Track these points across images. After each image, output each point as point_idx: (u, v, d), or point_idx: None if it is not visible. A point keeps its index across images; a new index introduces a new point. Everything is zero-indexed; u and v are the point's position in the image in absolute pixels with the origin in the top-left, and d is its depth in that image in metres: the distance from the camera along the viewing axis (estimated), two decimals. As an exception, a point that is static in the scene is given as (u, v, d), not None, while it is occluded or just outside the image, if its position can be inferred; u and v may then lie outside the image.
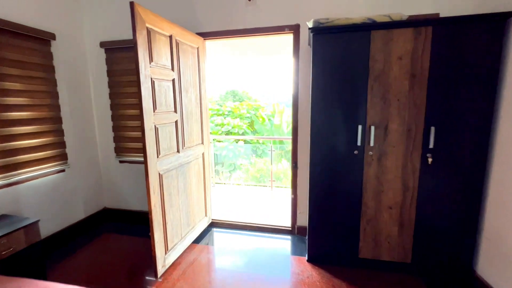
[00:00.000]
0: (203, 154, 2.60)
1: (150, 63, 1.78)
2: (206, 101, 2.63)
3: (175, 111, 2.09)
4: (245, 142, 9.06)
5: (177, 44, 2.10)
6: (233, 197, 3.99)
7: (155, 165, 1.85)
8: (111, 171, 3.02)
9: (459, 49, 1.68)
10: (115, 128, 2.91)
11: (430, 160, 1.79)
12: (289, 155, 9.42)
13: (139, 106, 1.71)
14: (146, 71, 1.73)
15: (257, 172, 7.99)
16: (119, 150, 2.94)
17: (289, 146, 9.37)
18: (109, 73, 2.80)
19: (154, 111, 1.83)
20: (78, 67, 2.71)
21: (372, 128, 1.86)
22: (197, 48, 2.43)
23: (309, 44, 2.30)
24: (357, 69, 1.83)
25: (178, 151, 2.15)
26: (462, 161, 1.76)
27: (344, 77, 1.86)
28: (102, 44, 2.74)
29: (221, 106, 10.29)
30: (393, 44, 1.76)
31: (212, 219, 2.87)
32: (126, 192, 3.03)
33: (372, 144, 1.87)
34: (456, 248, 1.87)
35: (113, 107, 2.87)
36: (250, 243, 2.52)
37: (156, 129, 1.85)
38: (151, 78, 1.79)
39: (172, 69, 2.04)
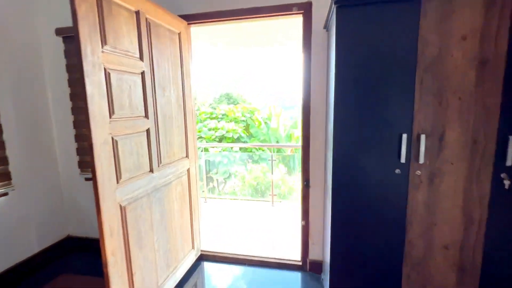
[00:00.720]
0: (188, 170, 2.03)
1: (102, 46, 1.21)
2: (191, 103, 2.06)
3: (146, 115, 1.52)
4: (241, 150, 8.49)
5: (149, 25, 1.53)
6: (228, 216, 3.41)
7: (112, 195, 1.27)
8: (75, 191, 2.43)
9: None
10: (78, 138, 2.32)
11: (507, 183, 1.26)
12: (287, 160, 8.88)
13: (84, 109, 1.14)
14: (94, 57, 1.16)
15: (254, 179, 7.42)
16: (85, 165, 2.35)
17: (286, 151, 8.84)
18: (69, 68, 2.22)
19: (110, 117, 1.26)
20: (26, 60, 2.12)
21: (422, 137, 1.32)
22: (179, 34, 1.88)
23: (325, 28, 1.77)
24: (400, 55, 1.30)
25: (151, 171, 1.57)
26: (553, 185, 1.24)
27: (381, 67, 1.32)
28: (59, 32, 2.16)
29: (214, 109, 9.72)
30: (454, 19, 1.23)
31: (202, 251, 2.29)
32: (94, 216, 2.42)
33: (421, 160, 1.34)
34: (540, 304, 1.33)
35: (75, 110, 2.28)
36: (250, 283, 1.95)
37: (114, 143, 1.28)
38: (105, 69, 1.22)
39: (141, 58, 1.48)
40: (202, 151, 4.65)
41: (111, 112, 1.26)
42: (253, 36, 2.91)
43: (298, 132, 9.85)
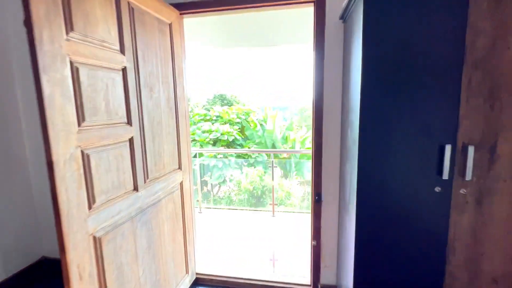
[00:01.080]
0: (181, 184, 1.74)
1: (67, 33, 0.92)
2: (184, 105, 1.78)
3: (129, 122, 1.24)
4: (237, 156, 8.22)
5: (132, 11, 1.25)
6: (226, 230, 3.13)
7: (82, 226, 0.98)
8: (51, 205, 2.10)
9: None
10: (53, 145, 2.00)
11: None
12: (283, 163, 8.63)
13: (40, 116, 0.85)
14: (55, 46, 0.87)
15: (250, 184, 7.15)
16: (61, 176, 2.03)
17: (282, 154, 8.60)
18: (41, 64, 1.90)
19: (79, 124, 0.97)
20: (-11, 56, 1.81)
21: (470, 149, 1.08)
22: (170, 25, 1.60)
23: (342, 18, 1.52)
24: (443, 49, 1.05)
25: (135, 189, 1.29)
26: None
27: (418, 63, 1.07)
28: (28, 22, 1.85)
29: (208, 110, 9.42)
30: (513, 2, 1.00)
31: (198, 274, 2.01)
32: (73, 234, 2.11)
33: (468, 176, 1.09)
34: None
35: (49, 114, 1.96)
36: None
37: (85, 158, 0.99)
38: (72, 62, 0.94)
39: (122, 50, 1.19)
40: (195, 156, 4.35)
41: (81, 118, 0.98)
42: (256, 32, 2.64)
43: (293, 135, 9.64)
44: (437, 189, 1.13)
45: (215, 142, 8.01)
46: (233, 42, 3.22)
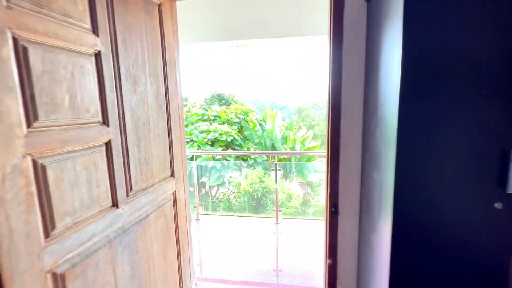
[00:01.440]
0: (174, 194, 1.49)
1: (8, -2, 0.67)
2: (178, 103, 1.53)
3: (105, 121, 0.98)
4: (236, 157, 7.97)
5: (108, -19, 0.99)
6: (226, 240, 2.88)
7: (34, 262, 0.73)
8: None
9: None
10: None
11: None
12: (283, 163, 8.40)
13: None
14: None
15: (249, 186, 6.90)
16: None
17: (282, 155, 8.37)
18: None
19: (29, 125, 0.72)
20: None
21: (544, 155, 0.84)
22: (159, 7, 1.34)
23: (365, -4, 1.27)
24: (508, 36, 0.81)
25: (114, 205, 1.03)
26: None
27: (475, 51, 0.83)
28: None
29: (206, 110, 9.16)
30: None
31: (193, 296, 1.75)
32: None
33: (540, 190, 0.85)
34: None
35: None
36: None
37: (38, 169, 0.74)
38: (15, 39, 0.68)
39: (95, 30, 0.93)
40: (192, 159, 4.10)
41: (31, 116, 0.72)
42: (255, 21, 2.38)
43: (292, 135, 9.41)
44: (497, 205, 0.88)
45: (213, 143, 7.75)
46: (229, 35, 2.96)
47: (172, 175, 1.47)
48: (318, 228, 3.07)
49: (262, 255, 2.45)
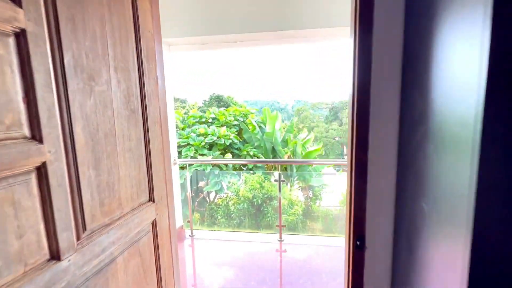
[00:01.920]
0: (154, 223, 1.16)
1: None
2: (159, 105, 1.20)
3: (36, 135, 0.66)
4: (235, 169, 7.65)
5: None
6: (224, 266, 2.56)
7: None
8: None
9: None
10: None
11: None
12: (283, 167, 8.10)
13: None
14: None
15: (249, 192, 6.57)
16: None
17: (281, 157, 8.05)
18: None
19: None
20: None
21: None
22: (132, -20, 1.02)
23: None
24: None
25: (55, 258, 0.71)
26: None
27: None
28: None
29: (204, 112, 8.83)
30: None
31: None
32: None
33: None
34: None
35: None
36: None
37: None
38: None
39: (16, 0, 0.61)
40: (183, 168, 3.78)
41: None
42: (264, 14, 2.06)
43: (293, 137, 9.10)
44: None
45: (211, 146, 7.42)
46: (226, 28, 2.64)
47: (151, 199, 1.14)
48: (327, 249, 2.74)
49: (264, 278, 2.12)
